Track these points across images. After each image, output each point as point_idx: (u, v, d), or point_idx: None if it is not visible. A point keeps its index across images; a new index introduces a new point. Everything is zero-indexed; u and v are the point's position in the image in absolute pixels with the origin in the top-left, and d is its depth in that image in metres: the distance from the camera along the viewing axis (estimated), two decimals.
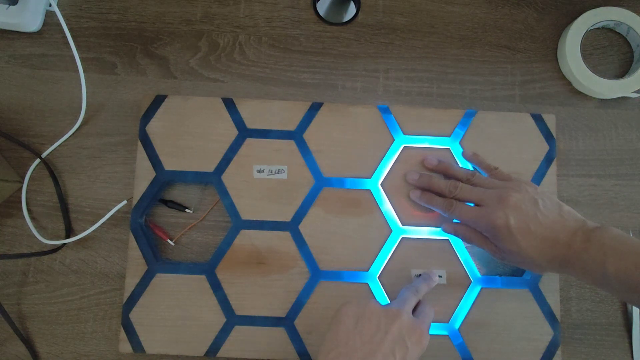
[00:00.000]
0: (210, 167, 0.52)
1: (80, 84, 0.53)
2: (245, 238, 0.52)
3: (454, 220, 0.50)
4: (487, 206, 0.45)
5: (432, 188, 0.50)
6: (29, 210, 0.54)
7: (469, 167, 0.53)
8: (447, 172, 0.51)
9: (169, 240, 0.52)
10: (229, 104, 0.53)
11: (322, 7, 0.58)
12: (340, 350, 0.39)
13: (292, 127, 0.53)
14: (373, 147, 0.53)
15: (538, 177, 0.53)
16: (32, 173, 0.54)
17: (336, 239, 0.52)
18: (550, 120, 0.54)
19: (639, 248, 0.39)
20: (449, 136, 0.53)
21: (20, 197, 0.53)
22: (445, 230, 0.51)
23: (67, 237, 0.53)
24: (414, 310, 0.45)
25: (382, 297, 0.51)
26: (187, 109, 0.53)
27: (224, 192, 0.52)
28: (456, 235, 0.50)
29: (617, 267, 0.39)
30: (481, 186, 0.48)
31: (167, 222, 0.53)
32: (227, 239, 0.51)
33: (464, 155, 0.53)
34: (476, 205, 0.47)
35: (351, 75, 0.57)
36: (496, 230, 0.44)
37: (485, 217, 0.45)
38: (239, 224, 0.52)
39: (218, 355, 0.50)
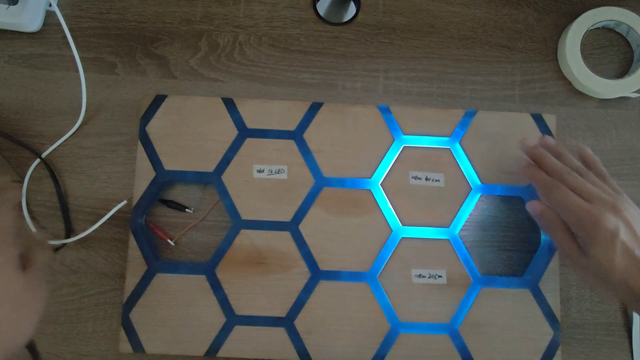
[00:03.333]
0: (210, 167, 0.52)
1: (80, 84, 0.53)
2: (245, 238, 0.52)
3: None
4: (598, 206, 0.42)
5: (542, 162, 0.46)
6: (29, 210, 0.53)
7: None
8: (562, 157, 0.47)
9: (169, 240, 0.52)
10: (229, 104, 0.53)
11: (322, 7, 0.58)
12: None
13: (292, 127, 0.53)
14: (373, 147, 0.53)
15: None
16: (32, 173, 0.54)
17: (336, 239, 0.52)
18: (550, 120, 0.54)
19: None
20: (449, 136, 0.53)
21: (20, 197, 0.53)
22: (530, 208, 0.47)
23: (67, 237, 0.53)
24: None
25: (383, 297, 0.51)
26: (187, 109, 0.53)
27: (224, 192, 0.52)
28: (539, 218, 0.46)
29: None
30: (594, 185, 0.44)
31: (167, 222, 0.53)
32: (227, 239, 0.51)
33: (579, 150, 0.49)
34: (584, 199, 0.43)
35: (351, 75, 0.57)
36: (598, 231, 0.41)
37: (592, 214, 0.41)
38: (239, 224, 0.52)
39: (218, 355, 0.50)
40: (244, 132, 0.53)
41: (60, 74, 0.56)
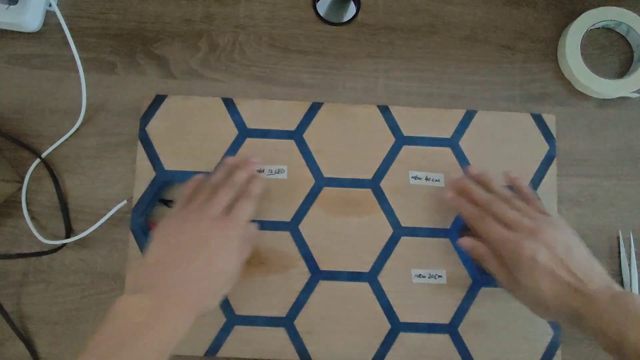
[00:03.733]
0: (210, 167, 0.52)
1: (80, 84, 0.53)
2: None
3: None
4: (519, 232, 0.43)
5: (469, 193, 0.48)
6: (29, 210, 0.53)
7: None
8: (487, 185, 0.49)
9: None
10: (229, 104, 0.53)
11: (322, 7, 0.58)
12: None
13: (292, 127, 0.53)
14: (373, 147, 0.53)
15: (538, 177, 0.53)
16: (32, 173, 0.54)
17: (336, 239, 0.52)
18: (550, 120, 0.54)
19: None
20: (449, 136, 0.53)
21: (20, 197, 0.53)
22: (461, 244, 0.48)
23: (67, 237, 0.53)
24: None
25: (383, 297, 0.51)
26: (187, 108, 0.53)
27: None
28: (471, 253, 0.48)
29: (638, 337, 0.36)
30: (518, 211, 0.45)
31: None
32: None
33: (505, 174, 0.50)
34: (507, 227, 0.44)
35: (351, 75, 0.57)
36: (520, 260, 0.42)
37: (513, 242, 0.43)
38: None
39: (218, 355, 0.50)
40: (244, 132, 0.53)
41: (60, 74, 0.56)
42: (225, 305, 0.50)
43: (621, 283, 0.54)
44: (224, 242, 0.43)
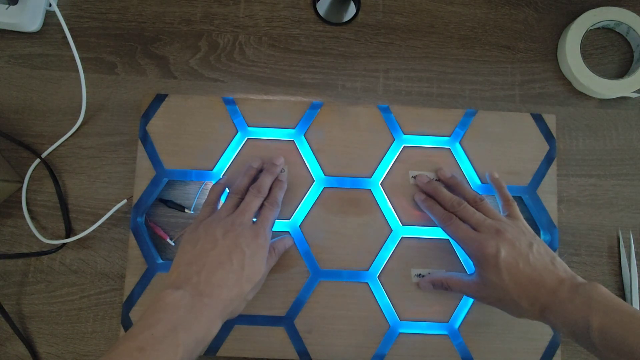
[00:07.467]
0: (210, 166, 0.52)
1: (80, 84, 0.53)
2: None
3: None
4: (483, 233, 0.45)
5: (437, 197, 0.50)
6: (29, 210, 0.54)
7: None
8: (456, 188, 0.51)
9: (168, 240, 0.52)
10: (230, 103, 0.53)
11: (322, 7, 0.58)
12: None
13: (292, 126, 0.53)
14: (373, 146, 0.53)
15: (538, 177, 0.53)
16: (32, 173, 0.54)
17: (336, 239, 0.52)
18: (550, 120, 0.54)
19: (626, 307, 0.39)
20: (449, 136, 0.53)
21: (20, 197, 0.53)
22: (421, 286, 0.51)
23: (67, 237, 0.53)
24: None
25: (382, 297, 0.51)
26: (188, 108, 0.53)
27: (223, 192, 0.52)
28: (431, 288, 0.50)
29: (602, 323, 0.38)
30: (484, 214, 0.47)
31: (167, 222, 0.53)
32: None
33: (488, 174, 0.52)
34: (473, 228, 0.47)
35: (351, 75, 0.57)
36: (484, 257, 0.44)
37: (477, 241, 0.45)
38: None
39: (218, 354, 0.50)
40: (244, 132, 0.53)
41: (60, 74, 0.56)
42: None
43: (621, 283, 0.54)
44: (256, 250, 0.44)
